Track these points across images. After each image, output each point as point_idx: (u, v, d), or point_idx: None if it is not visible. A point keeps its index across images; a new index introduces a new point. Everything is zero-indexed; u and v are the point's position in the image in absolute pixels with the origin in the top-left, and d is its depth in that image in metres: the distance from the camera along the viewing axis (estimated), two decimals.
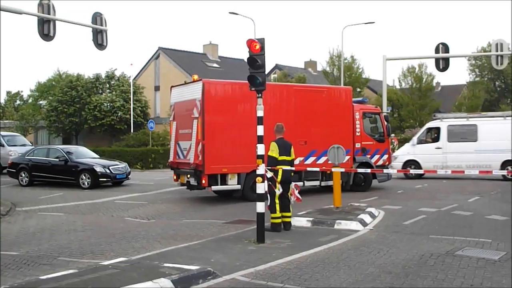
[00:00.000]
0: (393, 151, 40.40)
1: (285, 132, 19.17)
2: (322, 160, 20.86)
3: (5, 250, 12.41)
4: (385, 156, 23.72)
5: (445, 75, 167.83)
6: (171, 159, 20.83)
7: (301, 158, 20.26)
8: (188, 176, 19.71)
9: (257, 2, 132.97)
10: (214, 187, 19.38)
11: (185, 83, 21.07)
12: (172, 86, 21.76)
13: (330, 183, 21.24)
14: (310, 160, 20.86)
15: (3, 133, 37.85)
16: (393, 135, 46.74)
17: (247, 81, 20.90)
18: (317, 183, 21.55)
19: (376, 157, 23.12)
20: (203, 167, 18.67)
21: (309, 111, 20.93)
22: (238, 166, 19.34)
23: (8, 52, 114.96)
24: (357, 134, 22.56)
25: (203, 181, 18.82)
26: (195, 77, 20.43)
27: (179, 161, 20.37)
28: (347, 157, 21.24)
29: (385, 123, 23.98)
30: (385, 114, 25.37)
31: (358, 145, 22.54)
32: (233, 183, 19.56)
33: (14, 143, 34.48)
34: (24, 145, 34.50)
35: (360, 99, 24.92)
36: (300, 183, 20.00)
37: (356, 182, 22.62)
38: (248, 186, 19.49)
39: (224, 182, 19.43)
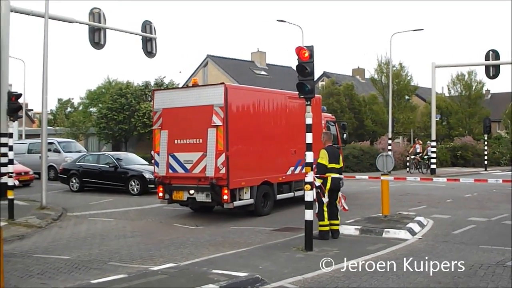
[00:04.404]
0: (422, 159, 40.02)
1: (279, 141, 18.98)
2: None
3: (57, 254, 12.73)
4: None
5: (495, 83, 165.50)
6: (162, 173, 18.17)
7: (292, 168, 19.75)
8: (191, 192, 17.74)
9: (305, 10, 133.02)
10: (236, 203, 17.42)
11: (187, 86, 19.72)
12: (154, 90, 20.09)
13: None
14: (298, 169, 19.89)
15: (59, 139, 38.48)
16: (416, 139, 46.22)
17: (264, 88, 20.63)
18: (302, 193, 20.65)
19: None
20: (227, 181, 16.88)
21: (296, 119, 19.60)
22: (251, 178, 18.03)
23: (59, 60, 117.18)
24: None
25: (225, 197, 16.96)
26: (196, 80, 19.09)
27: (175, 175, 18.02)
28: None
29: (341, 131, 24.38)
30: (342, 123, 25.60)
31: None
32: (247, 197, 17.95)
33: (69, 150, 34.97)
34: (79, 151, 34.91)
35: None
36: (291, 194, 19.92)
37: None
38: (259, 199, 18.36)
39: (238, 197, 17.74)
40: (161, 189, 18.40)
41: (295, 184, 20.05)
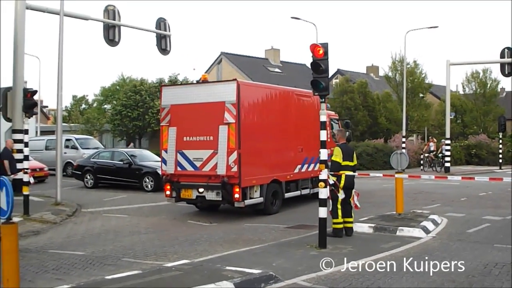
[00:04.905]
0: (436, 157, 39.74)
1: (287, 138, 18.80)
2: (311, 167, 20.17)
3: (72, 250, 12.84)
4: None
5: (510, 81, 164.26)
6: (170, 171, 17.75)
7: (299, 166, 19.73)
8: (201, 190, 17.32)
9: (319, 7, 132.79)
10: (246, 202, 17.11)
11: (197, 82, 18.52)
12: (162, 86, 19.51)
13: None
14: (304, 167, 20.02)
15: (76, 136, 38.73)
16: (430, 137, 45.90)
17: (273, 85, 20.46)
18: (307, 191, 20.46)
19: None
20: (239, 179, 16.56)
21: (302, 116, 19.87)
22: (261, 177, 17.72)
23: (74, 57, 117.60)
24: (328, 140, 21.79)
25: (236, 195, 16.65)
26: (206, 76, 18.48)
27: (183, 173, 17.58)
28: None
29: (344, 129, 23.56)
30: (346, 121, 24.92)
31: (329, 151, 21.61)
32: (257, 196, 17.61)
33: (87, 146, 35.16)
34: (96, 148, 35.07)
35: None
36: (298, 192, 19.72)
37: None
38: (269, 198, 18.08)
39: (249, 195, 17.40)
40: (168, 187, 18.01)
41: (302, 183, 19.97)
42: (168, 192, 18.06)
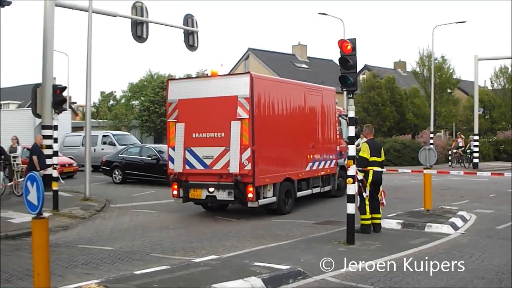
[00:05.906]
0: (464, 153, 39.34)
1: (299, 135, 18.41)
2: (322, 165, 19.75)
3: (101, 245, 12.95)
4: None
5: None
6: (178, 169, 16.78)
7: (310, 164, 19.05)
8: (211, 190, 16.49)
9: (346, 2, 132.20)
10: (261, 201, 16.35)
11: (206, 76, 17.83)
12: (169, 80, 18.76)
13: (326, 188, 20.39)
14: (315, 165, 19.37)
15: (114, 132, 38.97)
16: (458, 133, 45.47)
17: (285, 79, 20.28)
18: (318, 189, 19.90)
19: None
20: (253, 178, 15.76)
21: (312, 112, 19.42)
22: (274, 175, 16.91)
23: (102, 53, 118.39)
24: (337, 137, 21.29)
25: (250, 195, 15.85)
26: (215, 70, 17.13)
27: (192, 172, 16.72)
28: (334, 161, 20.66)
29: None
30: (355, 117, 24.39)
31: (338, 148, 21.18)
32: (270, 195, 16.80)
33: (124, 142, 35.10)
34: (133, 144, 35.18)
35: None
36: (309, 191, 19.16)
37: (339, 186, 21.32)
38: (282, 197, 17.31)
39: (262, 195, 16.61)
40: (175, 186, 17.13)
41: (313, 181, 19.42)
42: (175, 192, 17.23)
